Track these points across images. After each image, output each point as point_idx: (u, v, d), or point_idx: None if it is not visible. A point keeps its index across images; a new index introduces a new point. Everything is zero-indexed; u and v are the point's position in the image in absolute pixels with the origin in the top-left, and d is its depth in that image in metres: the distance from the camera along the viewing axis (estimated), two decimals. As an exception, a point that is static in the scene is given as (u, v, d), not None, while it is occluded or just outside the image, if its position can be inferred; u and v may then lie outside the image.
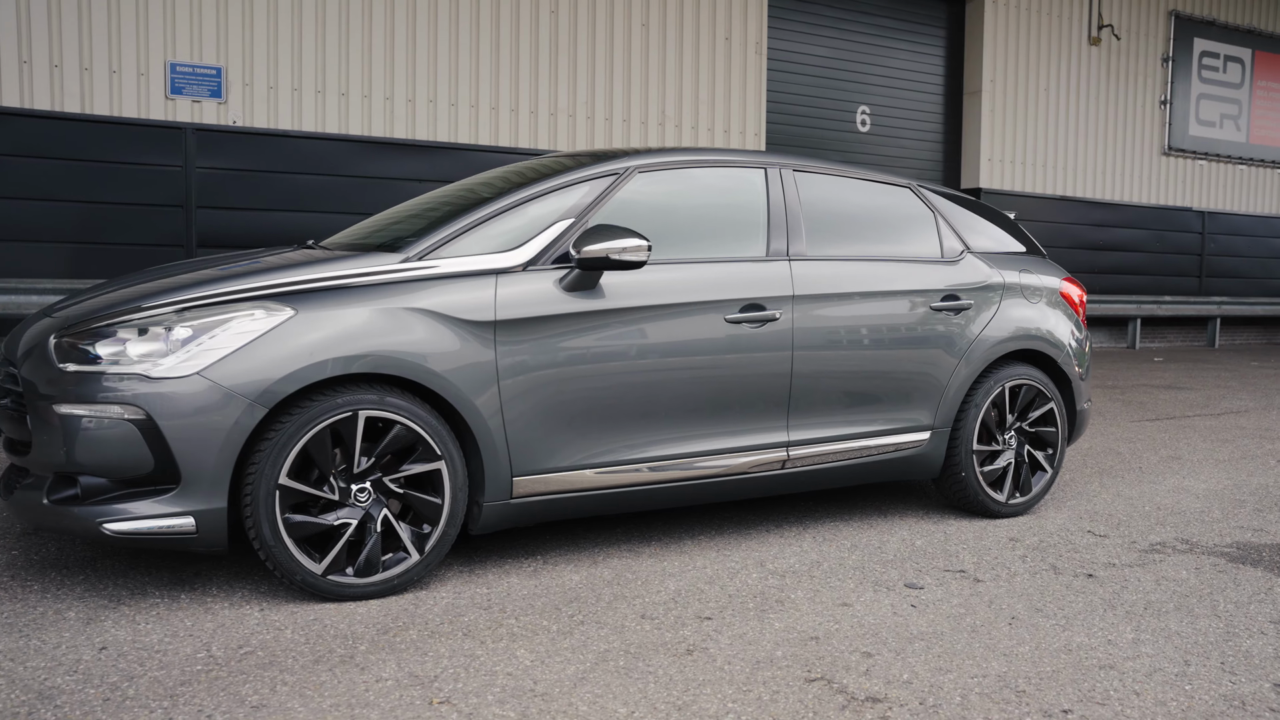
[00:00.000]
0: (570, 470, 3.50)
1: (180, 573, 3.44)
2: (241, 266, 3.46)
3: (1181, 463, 5.95)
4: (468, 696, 2.56)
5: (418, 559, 3.28)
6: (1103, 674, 2.84)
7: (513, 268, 3.43)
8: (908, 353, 4.17)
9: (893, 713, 2.54)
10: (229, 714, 2.42)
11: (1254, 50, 16.39)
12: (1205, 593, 3.57)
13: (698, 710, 2.53)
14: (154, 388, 2.97)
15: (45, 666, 2.66)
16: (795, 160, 4.23)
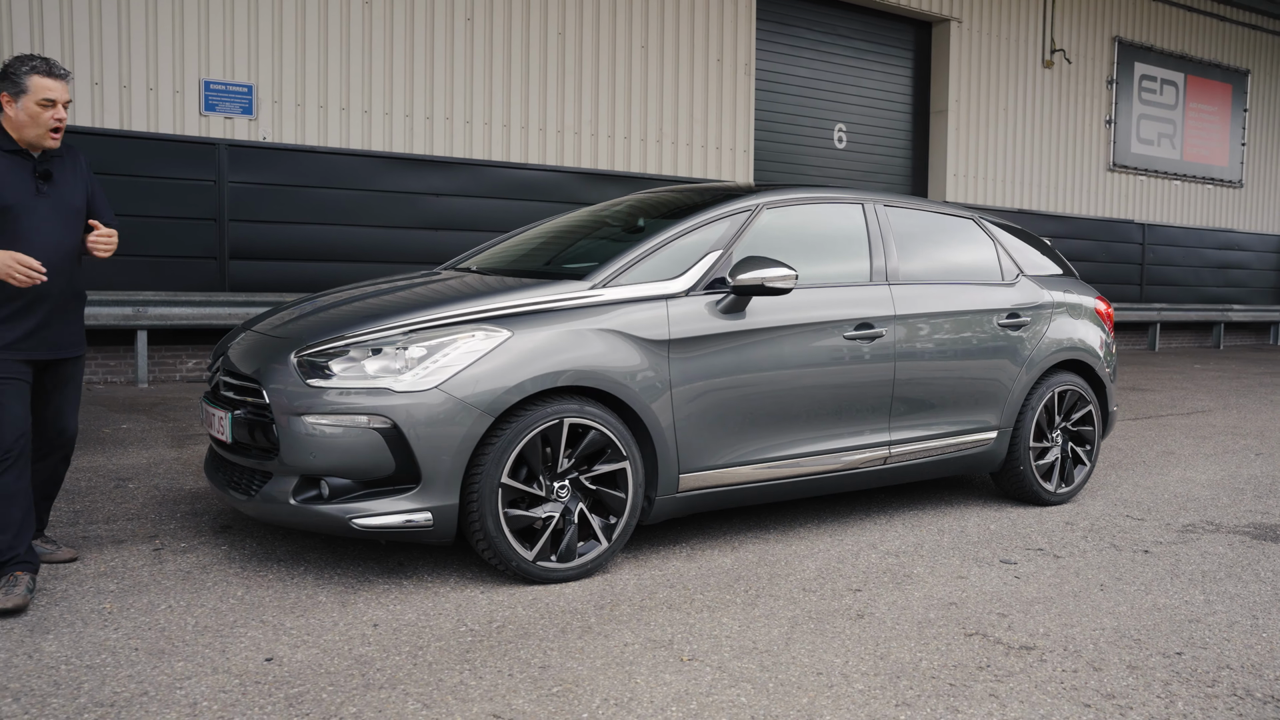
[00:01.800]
0: (725, 467, 4.06)
1: (385, 563, 3.90)
2: (431, 291, 3.95)
3: (1176, 457, 6.73)
4: (708, 655, 3.10)
5: (606, 546, 3.80)
6: (1192, 626, 3.49)
7: (679, 293, 3.98)
8: (981, 363, 4.82)
9: (1047, 656, 3.16)
10: (523, 673, 2.93)
11: (1186, 74, 17.62)
12: (1245, 564, 4.28)
13: (895, 659, 3.11)
14: (400, 400, 3.45)
15: (342, 639, 3.13)
16: (884, 196, 4.85)
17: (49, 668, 2.85)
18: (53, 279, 3.44)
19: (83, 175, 3.64)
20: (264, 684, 2.79)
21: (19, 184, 3.38)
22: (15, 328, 3.39)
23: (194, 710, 2.62)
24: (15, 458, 3.37)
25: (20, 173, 3.39)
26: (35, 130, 3.38)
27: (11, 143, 3.39)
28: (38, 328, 3.45)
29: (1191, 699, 2.89)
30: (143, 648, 3.01)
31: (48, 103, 3.37)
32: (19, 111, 3.35)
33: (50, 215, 3.44)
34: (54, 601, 3.38)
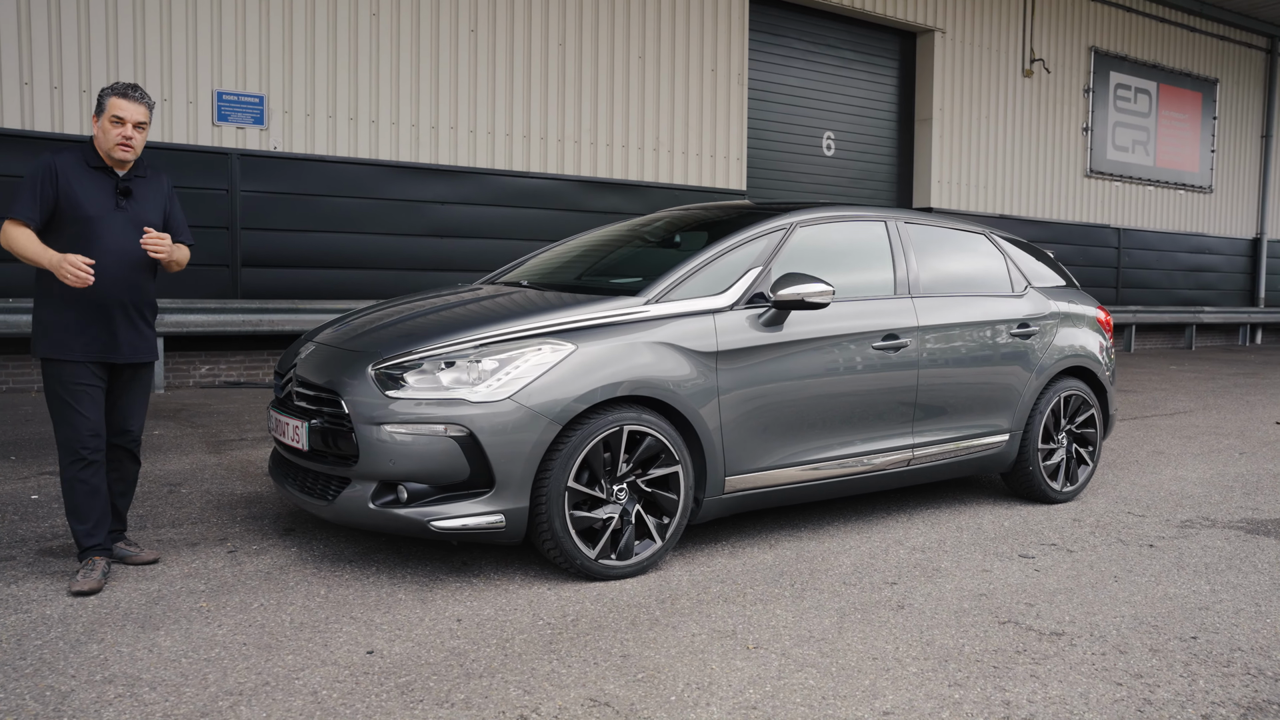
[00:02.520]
0: (767, 470, 4.34)
1: (450, 563, 4.15)
2: (497, 306, 4.21)
3: (1166, 457, 7.09)
4: (770, 643, 3.38)
5: (660, 544, 4.07)
6: (1202, 613, 3.82)
7: (725, 307, 4.26)
8: (995, 369, 5.14)
9: (1076, 641, 3.47)
10: (606, 661, 3.20)
11: (1159, 83, 18.15)
12: (1242, 556, 4.62)
13: (941, 644, 3.40)
14: (475, 410, 3.71)
15: (431, 633, 3.38)
16: (904, 214, 5.17)
17: (170, 661, 3.08)
18: (122, 287, 3.74)
19: (163, 195, 3.93)
20: (372, 674, 3.04)
21: (101, 197, 3.69)
22: (86, 333, 3.67)
23: (316, 698, 2.86)
24: (91, 456, 3.71)
25: (103, 187, 3.70)
26: (107, 144, 3.68)
27: (99, 159, 3.72)
28: (108, 333, 3.71)
29: (1211, 678, 3.20)
30: (250, 643, 3.25)
31: (117, 120, 3.67)
32: (98, 127, 3.69)
33: (124, 227, 3.72)
34: (152, 601, 3.60)
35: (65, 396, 3.68)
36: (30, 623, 3.35)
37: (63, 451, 3.72)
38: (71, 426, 3.68)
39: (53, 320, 3.66)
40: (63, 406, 3.69)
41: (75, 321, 3.66)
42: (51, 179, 3.62)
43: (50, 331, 3.67)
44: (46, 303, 3.69)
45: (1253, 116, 20.24)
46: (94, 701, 2.79)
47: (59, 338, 3.66)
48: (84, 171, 3.68)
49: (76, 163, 3.68)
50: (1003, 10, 15.63)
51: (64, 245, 3.60)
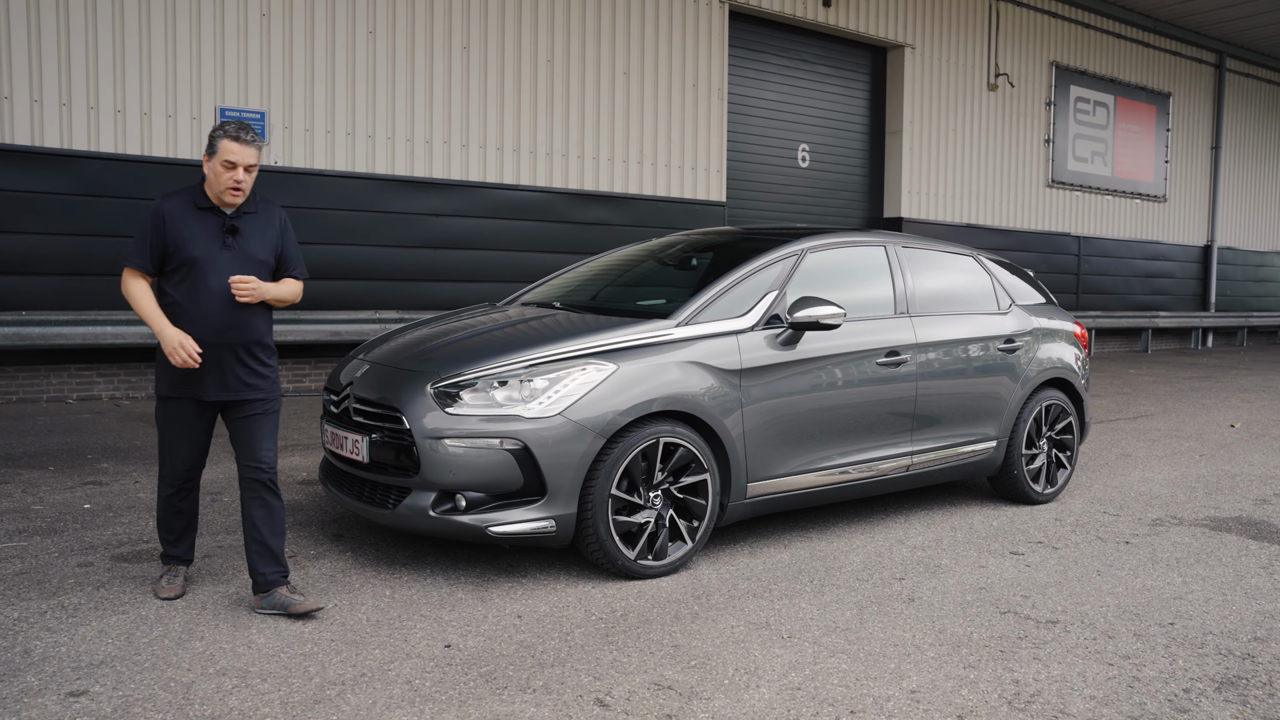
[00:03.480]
0: (784, 476, 4.75)
1: (497, 564, 4.50)
2: (543, 326, 4.58)
3: (1133, 460, 7.61)
4: (800, 633, 3.78)
5: (690, 546, 4.46)
6: (1177, 602, 4.28)
7: (746, 329, 4.66)
8: (984, 382, 5.59)
9: (1070, 628, 3.91)
10: (660, 651, 3.58)
11: (1116, 96, 18.86)
12: (1208, 551, 5.10)
13: (953, 632, 3.83)
14: (529, 425, 4.07)
15: (497, 628, 3.74)
16: (901, 238, 5.61)
17: (269, 655, 3.42)
18: (229, 327, 3.77)
19: (274, 229, 3.94)
20: (455, 665, 3.40)
21: (207, 238, 3.74)
22: (195, 373, 3.74)
23: (411, 686, 3.22)
24: (182, 486, 3.94)
25: (210, 227, 3.75)
26: (218, 186, 3.73)
27: (207, 200, 3.77)
28: (218, 372, 3.77)
29: (1189, 658, 3.65)
30: (336, 639, 3.59)
31: (229, 164, 3.71)
32: (210, 169, 3.73)
33: (230, 266, 3.75)
34: (234, 603, 3.92)
35: (167, 432, 3.88)
36: (131, 623, 3.66)
37: (160, 477, 3.97)
38: (169, 462, 3.90)
39: (166, 359, 3.72)
40: (163, 440, 3.91)
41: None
42: (159, 227, 3.70)
43: (165, 370, 3.77)
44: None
45: (1203, 128, 21.06)
46: (215, 691, 3.13)
47: (172, 375, 3.76)
48: (191, 213, 3.74)
49: (184, 205, 3.75)
50: (969, 27, 16.21)
51: (175, 286, 3.73)
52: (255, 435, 3.88)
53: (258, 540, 3.83)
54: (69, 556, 4.42)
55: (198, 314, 3.73)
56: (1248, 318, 21.52)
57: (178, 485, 3.93)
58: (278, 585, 3.81)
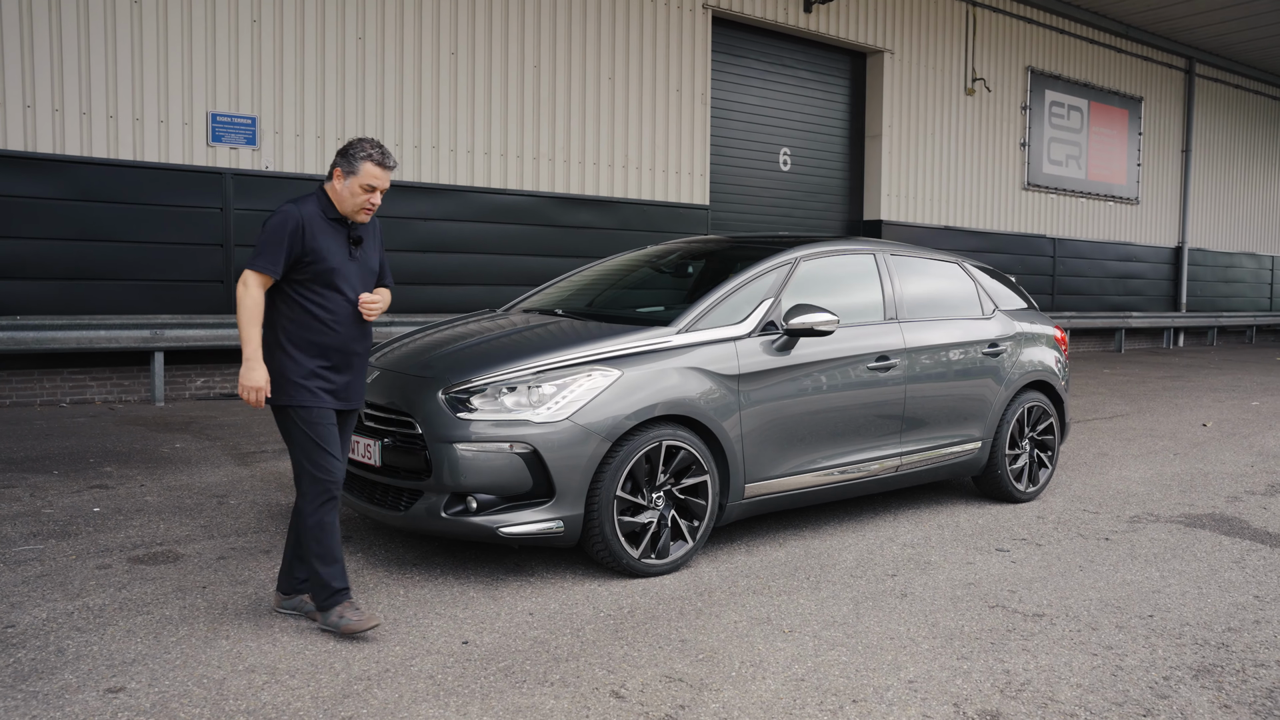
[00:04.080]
0: (780, 477, 4.93)
1: (504, 564, 4.65)
2: (547, 334, 4.72)
3: (1110, 459, 7.85)
4: (800, 627, 3.96)
5: (691, 545, 4.63)
6: (1155, 595, 4.49)
7: (743, 335, 4.83)
8: (970, 385, 5.79)
9: (1055, 621, 4.11)
10: (669, 645, 3.74)
11: (1089, 101, 19.22)
12: (1183, 547, 5.33)
13: (945, 625, 4.02)
14: (538, 429, 4.23)
15: (511, 625, 3.89)
16: (890, 246, 5.80)
17: (295, 653, 3.55)
18: (359, 335, 3.81)
19: (378, 240, 3.98)
20: (474, 660, 3.55)
21: (338, 249, 3.74)
22: (331, 380, 3.73)
23: (434, 680, 3.37)
24: (337, 493, 3.76)
25: (339, 238, 3.75)
26: (352, 205, 3.72)
27: (334, 211, 3.74)
28: (349, 379, 3.79)
29: (1168, 648, 3.86)
30: (359, 635, 3.72)
31: (370, 188, 3.70)
32: (345, 187, 3.70)
33: (357, 276, 3.79)
34: (254, 603, 4.05)
35: (316, 439, 3.69)
36: (156, 623, 3.79)
37: (312, 493, 3.70)
38: (325, 470, 3.69)
39: (295, 367, 3.68)
40: (314, 450, 3.69)
41: (321, 369, 3.72)
42: (298, 234, 3.63)
43: (294, 378, 3.68)
44: (289, 350, 3.70)
45: (1174, 132, 21.48)
46: (247, 686, 3.26)
47: (305, 384, 3.69)
48: (324, 224, 3.71)
49: (317, 215, 3.71)
50: (947, 32, 16.49)
51: (303, 294, 3.68)
52: (344, 445, 3.90)
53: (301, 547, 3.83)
54: (86, 559, 4.53)
55: (336, 323, 3.72)
56: (1217, 317, 21.96)
57: (336, 494, 3.74)
58: (305, 592, 3.90)
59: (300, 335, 3.69)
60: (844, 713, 3.22)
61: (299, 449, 3.72)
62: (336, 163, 3.73)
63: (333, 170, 3.74)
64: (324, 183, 3.80)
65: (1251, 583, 4.72)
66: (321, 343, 3.71)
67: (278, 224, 3.64)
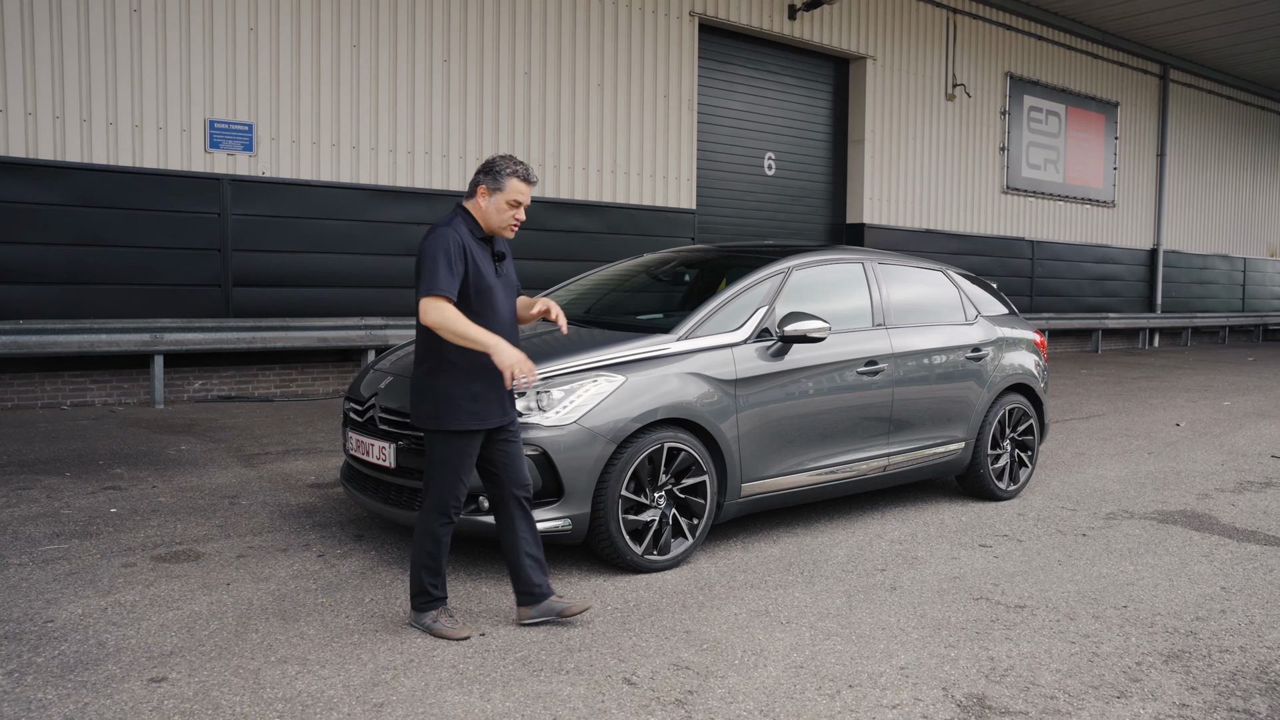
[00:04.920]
0: (774, 477, 5.17)
1: (512, 560, 4.86)
2: (553, 340, 4.94)
3: (1088, 458, 8.14)
4: (797, 619, 4.20)
5: (691, 542, 4.86)
6: (1130, 587, 4.76)
7: (739, 342, 5.07)
8: (954, 388, 6.05)
9: (1036, 612, 4.36)
10: (674, 636, 3.97)
11: (1067, 106, 19.59)
12: (1156, 542, 5.60)
13: (932, 616, 4.26)
14: (547, 432, 4.45)
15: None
16: (878, 255, 6.06)
17: (322, 645, 3.76)
18: None
19: (510, 256, 4.03)
20: (492, 651, 3.76)
21: (487, 267, 3.80)
22: (486, 401, 3.80)
23: (457, 670, 3.58)
24: (458, 517, 3.88)
25: (487, 256, 3.82)
26: (498, 222, 3.79)
27: (480, 230, 3.81)
28: (501, 399, 3.86)
29: (1141, 636, 4.12)
30: (380, 629, 3.94)
31: (515, 203, 3.77)
32: (491, 204, 3.76)
33: (504, 293, 3.88)
34: (278, 598, 4.25)
35: (458, 464, 3.79)
36: (188, 618, 3.98)
37: (436, 510, 3.83)
38: (454, 493, 3.81)
39: (459, 392, 3.73)
40: (452, 472, 3.79)
41: (482, 392, 3.76)
42: (462, 252, 3.68)
43: (457, 402, 3.74)
44: (453, 374, 3.74)
45: (1149, 136, 21.90)
46: (281, 676, 3.47)
47: (468, 409, 3.75)
48: (475, 243, 3.76)
49: (468, 234, 3.75)
50: (928, 38, 16.79)
51: (468, 314, 3.71)
52: (517, 458, 3.99)
53: (530, 555, 3.96)
54: (110, 557, 4.72)
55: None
56: (1191, 319, 22.41)
57: (455, 518, 3.89)
58: (550, 594, 3.99)
59: (469, 359, 3.72)
60: (841, 697, 3.46)
61: (440, 468, 3.79)
62: (479, 180, 3.77)
63: (475, 188, 3.78)
64: (462, 201, 3.84)
65: (1219, 575, 4.99)
66: (486, 366, 3.73)
67: (443, 244, 3.64)
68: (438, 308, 3.60)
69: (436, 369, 3.77)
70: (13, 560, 4.63)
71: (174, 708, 3.20)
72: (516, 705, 3.31)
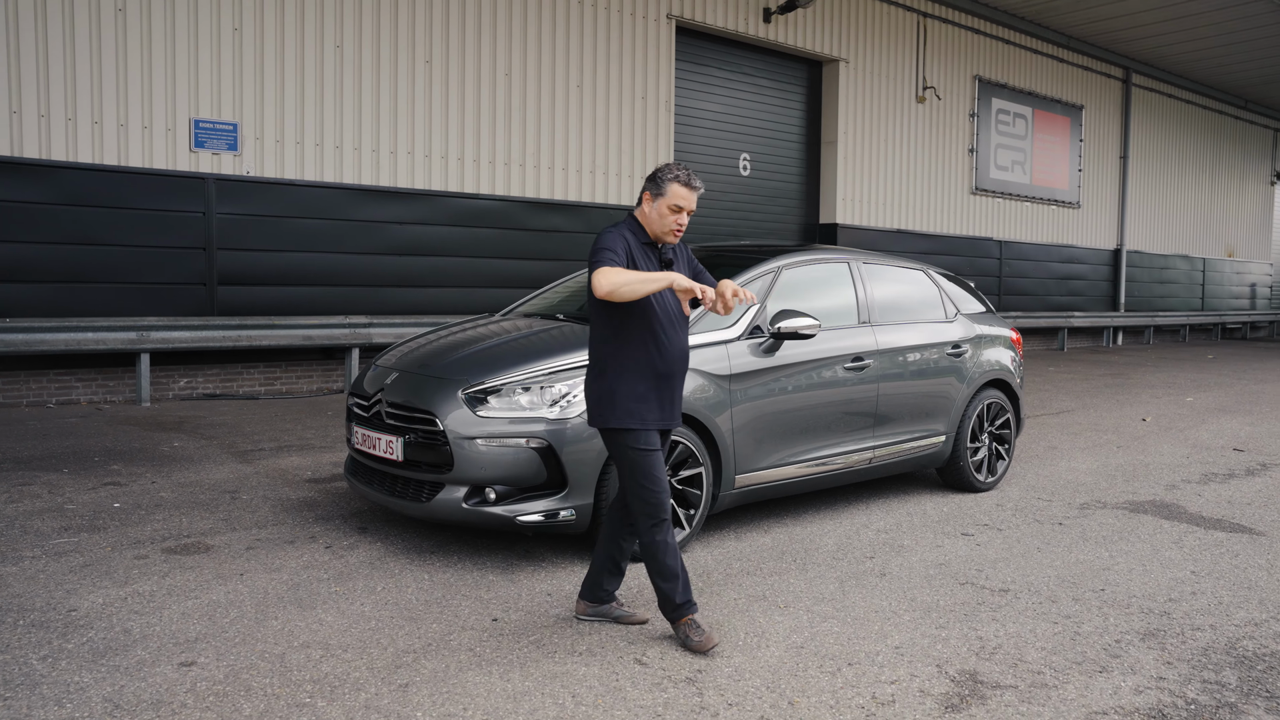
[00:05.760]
0: (767, 469, 5.36)
1: (513, 551, 5.02)
2: (553, 338, 5.10)
3: (1059, 451, 8.42)
4: (794, 603, 4.39)
5: (689, 531, 5.04)
6: (1106, 572, 5.00)
7: (734, 339, 5.25)
8: (936, 383, 6.28)
9: (1019, 595, 4.58)
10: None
11: (1034, 109, 19.99)
12: (1129, 530, 5.86)
13: (921, 601, 4.47)
14: (553, 426, 4.61)
15: (532, 604, 4.26)
16: (863, 255, 6.27)
17: (341, 631, 3.90)
18: (677, 357, 3.87)
19: (689, 264, 4.04)
20: (506, 635, 3.92)
21: (650, 270, 3.81)
22: (653, 401, 3.82)
23: (474, 653, 3.73)
24: (667, 516, 3.86)
25: (651, 261, 3.87)
26: (661, 228, 3.83)
27: (645, 235, 3.87)
28: (669, 401, 3.87)
29: (1118, 616, 4.35)
30: (396, 616, 4.08)
31: (677, 208, 3.78)
32: (654, 210, 3.81)
33: (670, 300, 3.86)
34: (293, 588, 4.38)
35: (645, 463, 3.79)
36: (207, 607, 4.10)
37: (647, 514, 3.81)
38: (656, 491, 3.79)
39: (624, 391, 3.77)
40: (645, 472, 3.79)
41: (646, 391, 3.80)
42: (626, 246, 3.77)
43: (622, 401, 3.77)
44: (617, 374, 3.79)
45: (1112, 139, 22.39)
46: (306, 660, 3.60)
47: (632, 408, 3.78)
48: (639, 246, 3.84)
49: (634, 237, 3.84)
50: (899, 42, 17.10)
51: (628, 319, 3.77)
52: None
53: (614, 560, 4.03)
54: (122, 550, 4.81)
55: (656, 346, 3.80)
56: (1154, 317, 22.94)
57: (665, 517, 3.84)
58: (610, 601, 4.09)
59: (634, 359, 3.78)
60: (842, 674, 3.65)
61: (628, 471, 3.81)
62: (645, 187, 3.84)
63: (641, 195, 3.86)
64: (633, 210, 3.92)
65: (1189, 560, 5.25)
66: (649, 366, 3.79)
67: (607, 239, 3.74)
68: (603, 273, 3.60)
69: (602, 368, 3.84)
70: (26, 553, 4.72)
71: (207, 689, 3.33)
72: (535, 684, 3.47)
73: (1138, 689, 3.59)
